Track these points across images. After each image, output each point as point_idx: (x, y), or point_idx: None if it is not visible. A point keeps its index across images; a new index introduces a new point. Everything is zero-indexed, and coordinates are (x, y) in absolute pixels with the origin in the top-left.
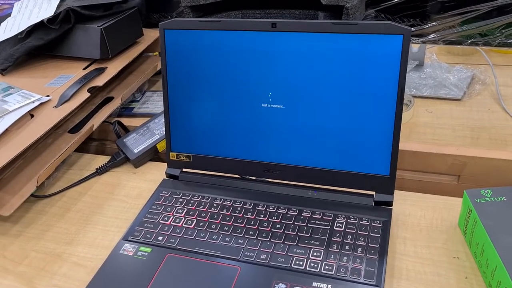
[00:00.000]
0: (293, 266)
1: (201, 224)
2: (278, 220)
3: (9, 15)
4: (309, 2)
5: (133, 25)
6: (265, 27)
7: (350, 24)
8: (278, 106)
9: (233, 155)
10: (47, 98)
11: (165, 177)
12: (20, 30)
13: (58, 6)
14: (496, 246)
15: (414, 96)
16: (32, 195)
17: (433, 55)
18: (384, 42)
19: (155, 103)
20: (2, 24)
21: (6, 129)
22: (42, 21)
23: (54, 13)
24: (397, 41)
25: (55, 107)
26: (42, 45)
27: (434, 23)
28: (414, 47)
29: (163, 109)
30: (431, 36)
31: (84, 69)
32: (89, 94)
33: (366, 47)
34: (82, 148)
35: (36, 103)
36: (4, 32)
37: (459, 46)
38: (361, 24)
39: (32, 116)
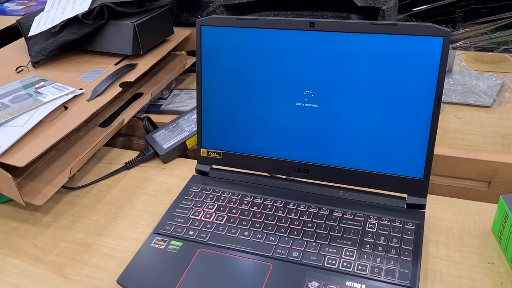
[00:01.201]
0: (325, 265)
1: (231, 220)
2: (310, 219)
3: (38, 11)
4: (342, 4)
5: (164, 23)
6: (303, 26)
7: (389, 25)
8: (313, 105)
9: (264, 153)
10: (81, 91)
11: (195, 173)
12: (54, 24)
13: (92, 2)
14: None
15: (444, 102)
16: (63, 186)
17: (462, 62)
18: (424, 44)
19: (182, 100)
20: (36, 18)
21: (41, 120)
22: (76, 16)
23: (89, 9)
24: (437, 43)
25: (88, 100)
26: (75, 40)
27: (466, 29)
28: None
29: (192, 107)
30: (462, 42)
31: (115, 64)
32: (121, 89)
33: (406, 48)
34: (109, 142)
35: (70, 96)
36: (38, 26)
37: (489, 53)
38: (400, 25)
39: (66, 108)
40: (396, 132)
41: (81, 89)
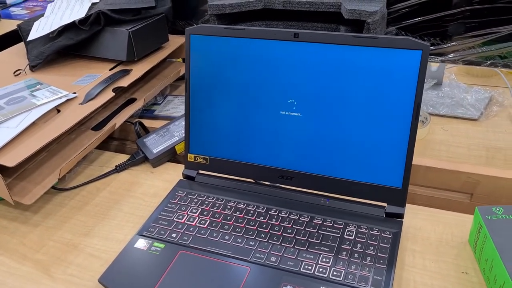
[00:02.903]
0: (302, 270)
1: (214, 224)
2: (290, 225)
3: (38, 17)
4: (331, 16)
5: (159, 31)
6: (288, 36)
7: (370, 38)
8: (296, 114)
9: (249, 160)
10: (74, 95)
11: (182, 178)
12: (52, 30)
13: (90, 9)
14: (505, 263)
15: (431, 114)
16: (53, 187)
17: (452, 75)
18: (403, 57)
19: (175, 107)
20: (35, 23)
21: (33, 122)
22: (73, 22)
23: (85, 15)
24: (416, 56)
25: (81, 104)
26: (71, 45)
27: (454, 43)
28: (433, 66)
29: (183, 112)
30: (451, 55)
31: (110, 70)
32: (114, 94)
33: (385, 60)
34: (103, 146)
35: (63, 99)
36: (36, 31)
37: (478, 67)
38: (381, 38)
39: (58, 111)
40: (376, 142)
41: (74, 92)
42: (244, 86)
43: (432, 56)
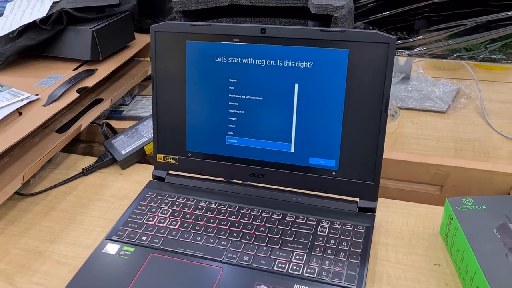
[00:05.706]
0: (275, 268)
1: (185, 225)
2: (262, 224)
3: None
4: (298, 11)
5: (125, 29)
6: (255, 32)
7: (337, 32)
8: (264, 109)
9: (219, 158)
10: (36, 97)
11: (151, 179)
12: (11, 30)
13: (51, 7)
14: (476, 253)
15: (400, 108)
16: (17, 193)
17: (420, 69)
18: (370, 50)
19: (144, 107)
20: None
21: None
22: (34, 21)
23: (47, 14)
24: (383, 50)
25: (44, 106)
26: (33, 45)
27: (421, 36)
28: (401, 60)
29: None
30: (418, 49)
31: (74, 70)
32: (78, 95)
33: (353, 54)
34: (69, 149)
35: (25, 101)
36: None
37: (444, 60)
38: (347, 32)
39: (20, 114)
40: (346, 138)
41: (37, 94)
42: (209, 83)
43: (400, 50)
